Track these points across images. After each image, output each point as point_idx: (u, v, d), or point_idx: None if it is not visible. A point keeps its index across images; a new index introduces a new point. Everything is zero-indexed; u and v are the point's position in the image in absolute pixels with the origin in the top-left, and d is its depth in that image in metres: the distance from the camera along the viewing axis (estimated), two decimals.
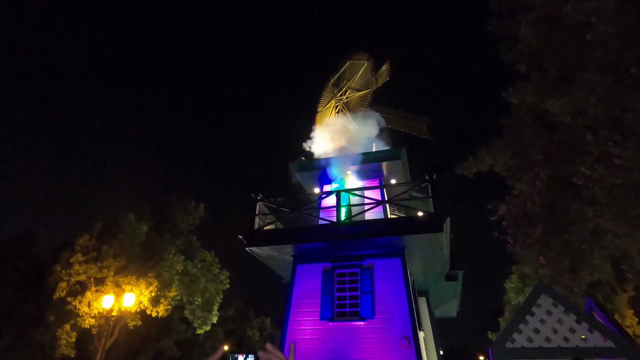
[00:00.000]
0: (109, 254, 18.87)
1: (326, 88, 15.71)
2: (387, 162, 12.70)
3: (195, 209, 23.71)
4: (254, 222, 11.12)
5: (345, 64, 15.05)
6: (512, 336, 3.70)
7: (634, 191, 5.86)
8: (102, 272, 18.21)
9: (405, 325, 9.21)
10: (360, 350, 9.17)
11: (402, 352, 8.92)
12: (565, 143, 6.93)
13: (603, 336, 3.50)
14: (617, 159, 5.82)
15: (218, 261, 24.17)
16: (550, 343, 3.59)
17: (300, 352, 9.53)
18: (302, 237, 10.59)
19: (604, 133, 6.09)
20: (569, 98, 6.68)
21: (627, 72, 5.82)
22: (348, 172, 12.97)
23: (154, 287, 18.86)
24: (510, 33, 7.74)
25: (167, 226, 22.62)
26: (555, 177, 6.96)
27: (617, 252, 7.39)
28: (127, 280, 18.29)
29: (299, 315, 10.15)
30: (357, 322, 9.51)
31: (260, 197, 11.53)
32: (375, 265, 10.26)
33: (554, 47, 6.87)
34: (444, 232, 9.36)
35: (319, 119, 15.59)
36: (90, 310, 17.77)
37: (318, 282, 10.49)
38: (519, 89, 7.92)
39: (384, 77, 14.18)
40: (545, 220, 7.15)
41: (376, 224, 10.41)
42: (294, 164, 13.73)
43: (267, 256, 11.44)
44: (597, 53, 6.13)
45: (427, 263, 11.42)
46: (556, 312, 3.74)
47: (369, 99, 13.75)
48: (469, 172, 9.01)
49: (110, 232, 20.47)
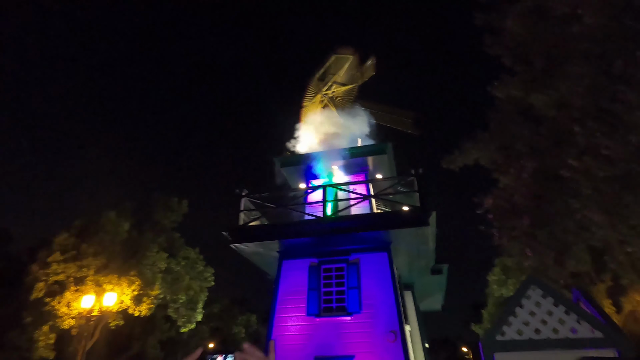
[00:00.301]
0: (88, 252, 18.33)
1: (311, 82, 15.57)
2: (373, 156, 12.69)
3: (178, 206, 23.25)
4: (239, 218, 10.95)
5: (330, 58, 14.93)
6: (502, 329, 3.70)
7: (619, 182, 5.95)
8: (81, 271, 17.69)
9: (392, 320, 9.23)
10: (347, 345, 9.15)
11: (389, 346, 8.94)
12: (552, 135, 6.99)
13: (592, 327, 3.53)
14: (605, 150, 5.89)
15: (202, 258, 23.81)
16: (540, 335, 3.60)
17: (287, 349, 9.45)
18: (288, 232, 10.49)
19: (591, 124, 6.16)
20: (552, 91, 6.74)
21: (612, 63, 5.89)
22: (334, 167, 12.90)
23: (136, 285, 18.45)
24: (496, 26, 7.76)
25: (149, 223, 22.13)
26: (542, 169, 7.04)
27: (600, 244, 7.54)
28: (108, 279, 17.83)
29: (285, 311, 10.06)
30: (344, 317, 9.48)
31: (245, 192, 11.35)
32: (362, 260, 10.24)
33: (539, 39, 6.91)
34: (430, 226, 9.40)
35: (305, 113, 15.45)
36: (69, 310, 17.26)
37: (304, 278, 10.41)
38: (504, 83, 7.97)
39: (370, 72, 14.14)
40: (532, 212, 7.23)
41: (362, 218, 10.38)
42: (278, 159, 13.57)
43: (253, 252, 11.29)
44: (583, 45, 6.19)
45: (412, 257, 11.47)
46: (545, 303, 3.75)
47: (354, 94, 13.70)
48: (455, 166, 9.06)
49: (90, 231, 19.90)
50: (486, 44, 8.02)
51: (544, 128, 7.19)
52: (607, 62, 5.95)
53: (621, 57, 5.73)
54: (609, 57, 5.93)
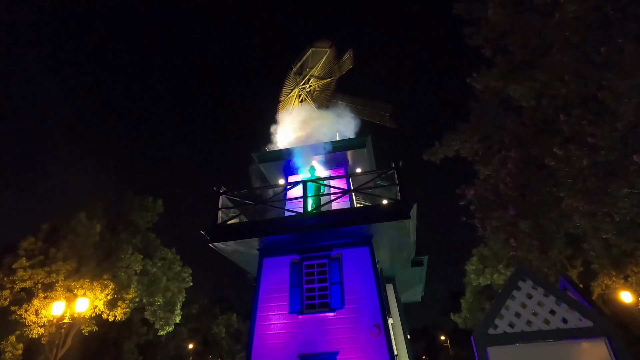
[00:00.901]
0: (57, 257, 17.47)
1: (289, 76, 15.31)
2: (352, 150, 12.61)
3: (153, 205, 22.55)
4: (217, 217, 10.65)
5: (307, 51, 14.71)
6: (494, 322, 3.67)
7: (603, 170, 6.06)
8: (50, 277, 16.82)
9: (375, 314, 9.19)
10: (330, 341, 9.06)
11: (373, 340, 8.91)
12: (535, 124, 7.06)
13: (581, 316, 3.54)
14: (591, 138, 5.98)
15: (179, 258, 23.22)
16: (532, 327, 3.59)
17: (270, 347, 9.29)
18: (268, 229, 10.27)
19: (577, 112, 6.24)
20: (532, 82, 6.80)
21: (596, 51, 5.96)
22: (313, 161, 12.74)
23: (110, 289, 17.72)
24: (476, 16, 7.76)
25: (123, 224, 21.34)
26: (527, 158, 7.10)
27: (578, 231, 7.73)
28: (79, 284, 17.03)
29: (267, 310, 9.87)
30: (327, 314, 9.38)
31: (222, 190, 11.04)
32: (344, 255, 10.15)
33: (520, 28, 6.94)
34: (411, 218, 9.40)
35: (282, 108, 15.20)
36: (38, 319, 16.41)
37: (286, 275, 10.24)
38: (483, 74, 8.01)
39: (347, 65, 14.02)
40: (517, 202, 7.30)
41: (343, 213, 10.29)
42: (257, 155, 13.30)
43: (232, 251, 11.02)
44: (564, 34, 6.24)
45: (394, 250, 11.49)
46: (536, 294, 3.74)
47: (332, 88, 13.54)
48: (436, 158, 9.07)
49: (59, 234, 18.99)
50: (466, 34, 8.04)
51: (527, 117, 7.26)
52: (591, 50, 6.04)
53: (604, 45, 5.82)
54: (592, 45, 6.02)
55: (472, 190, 8.33)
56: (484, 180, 8.23)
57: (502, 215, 7.70)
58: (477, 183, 8.37)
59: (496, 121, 7.86)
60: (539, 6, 6.55)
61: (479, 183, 8.33)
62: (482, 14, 7.58)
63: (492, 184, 7.90)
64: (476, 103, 8.40)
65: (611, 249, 9.50)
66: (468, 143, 8.30)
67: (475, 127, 8.22)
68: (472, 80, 8.26)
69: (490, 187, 7.92)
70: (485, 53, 7.88)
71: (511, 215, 7.38)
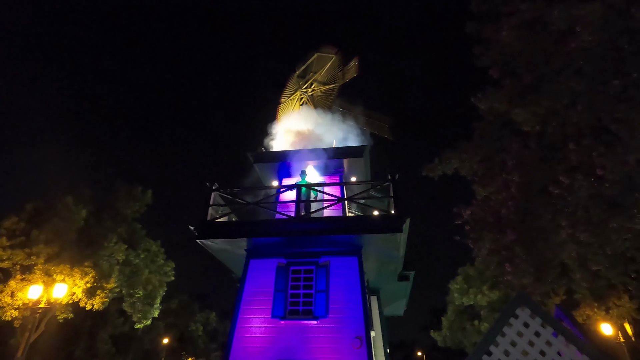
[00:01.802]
0: (39, 239, 17.08)
1: (291, 79, 15.25)
2: (349, 159, 12.54)
3: (142, 195, 22.25)
4: (207, 213, 10.49)
5: (312, 56, 14.69)
6: (489, 349, 3.59)
7: (607, 202, 6.06)
8: (30, 259, 16.43)
9: (359, 325, 9.08)
10: (311, 350, 8.91)
11: (354, 352, 8.79)
12: (541, 150, 7.06)
13: (578, 350, 3.49)
14: (600, 170, 5.97)
15: (163, 252, 22.90)
16: (527, 357, 3.52)
17: (249, 351, 9.12)
18: (257, 231, 10.14)
19: (586, 142, 6.24)
20: (535, 107, 6.82)
21: (609, 83, 5.98)
22: (309, 166, 12.66)
23: (90, 277, 17.35)
24: (486, 36, 7.78)
25: (109, 212, 20.99)
26: (530, 183, 7.09)
27: (571, 261, 7.73)
28: (59, 269, 16.65)
29: (249, 312, 9.71)
30: (310, 321, 9.25)
31: (215, 186, 10.90)
32: (332, 264, 10.04)
33: (531, 53, 6.97)
34: (403, 232, 9.34)
35: (282, 110, 15.13)
36: (13, 301, 15.99)
37: (271, 279, 10.09)
38: (488, 95, 8.02)
39: (352, 73, 14.01)
40: (517, 227, 7.27)
41: (335, 221, 10.21)
42: (252, 155, 13.17)
43: (219, 249, 10.86)
44: (578, 62, 6.27)
45: (382, 263, 11.42)
46: (533, 324, 3.68)
47: (334, 94, 13.51)
48: (434, 174, 9.06)
49: (44, 216, 18.58)
50: (475, 54, 8.05)
51: (533, 142, 7.26)
52: (604, 81, 6.07)
53: (618, 77, 5.84)
54: (606, 77, 6.05)
55: (468, 210, 8.32)
56: (482, 202, 8.22)
57: (498, 239, 7.67)
58: (475, 203, 8.35)
59: (499, 143, 7.85)
60: (554, 32, 6.58)
61: (476, 203, 8.32)
62: (493, 35, 7.61)
63: (490, 205, 7.88)
64: (479, 123, 8.41)
65: (597, 281, 9.58)
66: (468, 162, 8.30)
67: (477, 147, 8.22)
68: (476, 100, 8.27)
69: (488, 209, 7.90)
70: (493, 74, 7.90)
71: (510, 240, 7.35)
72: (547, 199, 7.00)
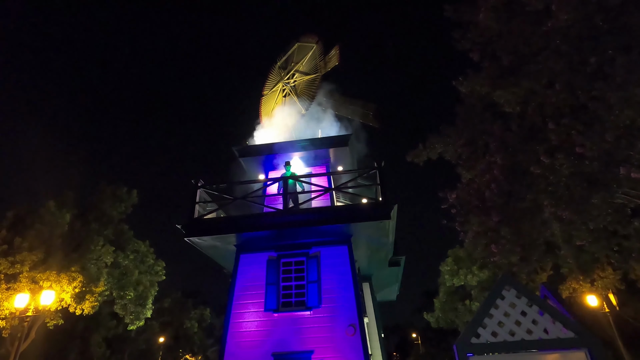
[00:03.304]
0: (23, 247, 16.63)
1: (273, 70, 15.04)
2: (335, 148, 12.50)
3: (127, 196, 21.83)
4: (194, 211, 10.36)
5: (293, 46, 14.48)
6: (477, 331, 3.64)
7: (587, 180, 6.16)
8: (14, 267, 16.00)
9: (352, 313, 9.17)
10: (306, 340, 8.98)
11: (348, 340, 8.88)
12: (522, 131, 7.11)
13: (564, 327, 3.56)
14: (580, 148, 6.05)
15: (153, 251, 22.60)
16: (515, 337, 3.58)
17: (244, 345, 9.13)
18: (246, 225, 10.08)
19: (566, 121, 6.31)
20: (516, 88, 6.85)
21: (587, 61, 6.03)
22: (294, 158, 12.58)
23: (78, 282, 17.02)
24: (465, 19, 7.75)
25: (94, 214, 20.55)
26: (512, 165, 7.16)
27: (556, 239, 7.89)
28: (45, 275, 16.28)
29: (242, 307, 9.70)
30: (303, 312, 9.29)
31: (201, 183, 10.75)
32: (322, 254, 10.07)
33: (510, 34, 6.97)
34: (392, 219, 9.39)
35: (265, 102, 14.94)
36: None
37: (263, 272, 10.09)
38: (469, 78, 8.03)
39: (334, 62, 13.86)
40: (500, 209, 7.36)
41: (324, 212, 10.20)
42: (237, 149, 13.01)
43: (208, 246, 10.77)
44: (555, 42, 6.29)
45: (372, 250, 11.50)
46: (520, 304, 3.74)
47: (317, 84, 13.37)
48: (419, 160, 9.08)
49: (25, 222, 18.09)
50: (454, 37, 8.02)
51: (514, 124, 7.31)
52: (581, 60, 6.11)
53: (594, 55, 5.89)
54: (583, 55, 6.09)
55: (454, 194, 8.38)
56: (467, 185, 8.28)
57: (484, 221, 7.76)
58: (460, 187, 8.42)
59: (481, 126, 7.89)
60: (531, 13, 6.59)
61: (461, 187, 8.38)
62: (472, 18, 7.58)
63: (474, 188, 7.95)
64: (462, 107, 8.43)
65: (581, 255, 9.81)
66: (452, 146, 8.34)
67: (460, 131, 8.25)
68: (458, 83, 8.28)
69: (473, 192, 7.97)
70: (473, 57, 7.89)
71: (495, 221, 7.44)
72: (529, 179, 7.09)
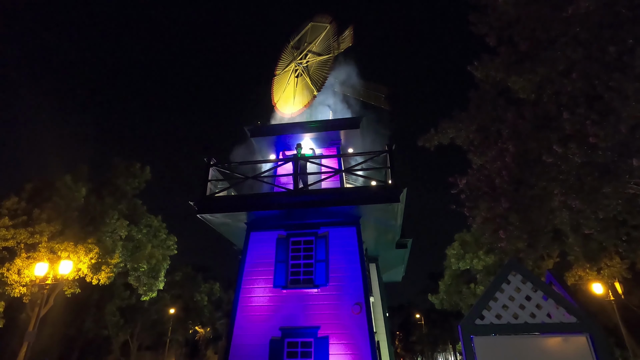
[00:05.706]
0: (41, 218, 17.26)
1: (285, 50, 14.94)
2: (346, 130, 12.52)
3: (140, 172, 22.29)
4: (206, 188, 10.59)
5: (307, 25, 14.31)
6: (482, 313, 3.80)
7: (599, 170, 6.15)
8: (33, 237, 16.66)
9: (358, 292, 9.41)
10: (313, 316, 9.28)
11: (354, 318, 9.15)
12: (535, 119, 7.06)
13: (566, 311, 3.69)
14: (593, 139, 6.01)
15: (165, 226, 23.22)
16: (518, 319, 3.74)
17: (253, 319, 9.47)
18: (257, 204, 10.28)
19: (580, 111, 6.25)
20: (531, 75, 6.76)
21: (605, 50, 5.91)
22: (303, 140, 12.65)
23: (94, 253, 17.68)
24: (484, 3, 7.59)
25: (108, 189, 21.09)
26: (524, 153, 7.15)
27: (564, 227, 7.93)
28: (63, 246, 16.93)
29: (251, 282, 10.01)
30: (311, 290, 9.57)
31: (213, 161, 10.93)
32: (331, 234, 10.27)
33: (528, 19, 6.83)
34: (401, 202, 9.50)
35: (277, 82, 14.91)
36: (20, 278, 16.36)
37: (272, 250, 10.35)
38: (484, 63, 7.92)
39: (347, 43, 13.69)
40: (510, 195, 7.39)
41: (333, 193, 10.34)
42: (249, 129, 13.11)
43: (220, 223, 11.04)
44: (575, 29, 6.17)
45: (379, 231, 11.66)
46: (525, 288, 3.88)
47: (330, 65, 13.28)
48: (430, 144, 9.08)
49: (43, 195, 18.68)
50: (471, 21, 7.87)
51: (527, 111, 7.25)
52: (600, 49, 6.00)
53: (614, 44, 5.77)
54: (602, 44, 5.97)
55: (464, 179, 8.40)
56: (477, 171, 8.28)
57: (493, 207, 7.81)
58: (470, 173, 8.43)
59: (494, 112, 7.83)
60: None
61: (471, 173, 8.39)
62: (490, 1, 7.41)
63: (485, 174, 7.96)
64: (476, 92, 8.34)
65: (589, 243, 9.85)
66: (464, 132, 8.31)
67: (473, 117, 8.19)
68: (472, 68, 8.18)
69: (483, 178, 7.98)
70: (490, 42, 7.76)
71: (504, 208, 7.48)
72: (540, 167, 7.07)
